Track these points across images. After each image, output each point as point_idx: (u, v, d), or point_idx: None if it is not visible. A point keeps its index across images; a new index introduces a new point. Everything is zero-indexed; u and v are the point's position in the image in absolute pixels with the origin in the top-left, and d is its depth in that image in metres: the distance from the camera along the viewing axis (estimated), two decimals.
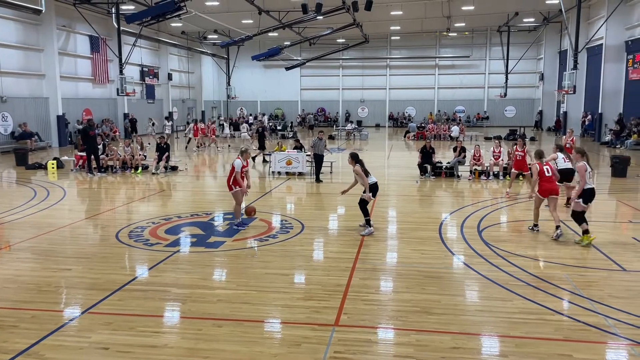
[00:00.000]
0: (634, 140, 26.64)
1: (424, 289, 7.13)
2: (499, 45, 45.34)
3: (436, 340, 5.60)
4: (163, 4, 23.36)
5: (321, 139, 16.95)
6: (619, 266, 8.03)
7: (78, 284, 7.42)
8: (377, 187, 10.34)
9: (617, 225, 10.92)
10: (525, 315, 6.20)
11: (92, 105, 33.12)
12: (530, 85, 47.78)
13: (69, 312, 6.43)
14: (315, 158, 16.92)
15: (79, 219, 11.65)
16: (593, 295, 6.80)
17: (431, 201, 13.65)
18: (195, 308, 6.50)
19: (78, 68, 32.14)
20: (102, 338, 5.66)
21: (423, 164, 17.61)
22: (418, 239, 9.78)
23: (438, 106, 49.39)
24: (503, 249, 9.01)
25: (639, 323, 5.99)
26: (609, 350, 5.45)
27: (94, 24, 31.86)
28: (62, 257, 8.69)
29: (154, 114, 40.20)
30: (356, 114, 50.90)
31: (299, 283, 7.60)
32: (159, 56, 41.86)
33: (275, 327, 6.09)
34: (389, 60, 50.11)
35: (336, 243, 9.68)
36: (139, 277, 7.74)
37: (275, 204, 13.74)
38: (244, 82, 51.08)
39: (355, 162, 10.13)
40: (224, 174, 20.30)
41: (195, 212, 12.10)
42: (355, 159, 10.18)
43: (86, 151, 18.42)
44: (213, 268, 8.21)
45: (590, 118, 34.23)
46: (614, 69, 30.25)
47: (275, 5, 31.22)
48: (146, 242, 9.50)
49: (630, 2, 28.99)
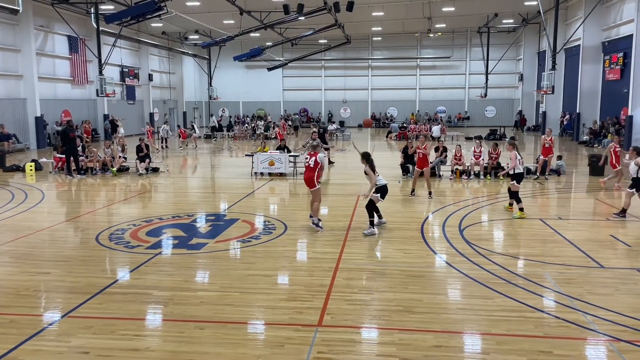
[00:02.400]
0: (611, 140, 27.09)
1: (407, 288, 7.17)
2: (479, 46, 45.85)
3: (419, 339, 5.63)
4: (143, 4, 23.14)
5: (314, 140, 16.81)
6: (597, 263, 8.17)
7: (57, 288, 7.30)
8: (387, 189, 10.16)
9: (595, 223, 11.10)
10: (506, 313, 6.27)
11: (71, 106, 32.63)
12: (510, 86, 48.38)
13: (48, 317, 6.33)
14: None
15: (58, 222, 11.48)
16: (572, 292, 6.90)
17: (413, 201, 13.73)
18: (177, 310, 6.44)
19: (56, 69, 31.64)
20: (82, 342, 5.58)
21: (405, 164, 17.71)
22: (400, 238, 9.83)
23: (419, 106, 49.72)
24: (484, 247, 9.10)
25: (616, 319, 6.09)
26: (588, 347, 5.54)
27: (73, 24, 31.41)
28: (40, 261, 8.55)
29: (135, 115, 39.84)
30: (339, 115, 51.00)
31: (282, 284, 7.59)
32: (139, 57, 41.41)
33: (259, 328, 6.06)
34: (370, 61, 50.30)
35: (319, 243, 9.67)
36: (120, 280, 7.65)
37: (258, 205, 13.69)
38: (226, 83, 50.82)
39: (367, 161, 9.93)
40: (203, 175, 20.19)
41: (177, 214, 12.01)
42: (366, 159, 9.97)
43: (65, 153, 18.16)
44: (195, 270, 8.15)
45: (568, 118, 34.78)
46: (591, 70, 30.76)
47: (256, 5, 31.13)
48: (127, 245, 9.39)
49: (607, 4, 29.52)
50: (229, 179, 18.60)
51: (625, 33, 26.88)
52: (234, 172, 19.67)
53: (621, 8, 28.02)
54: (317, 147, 10.58)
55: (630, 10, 26.25)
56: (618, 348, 5.41)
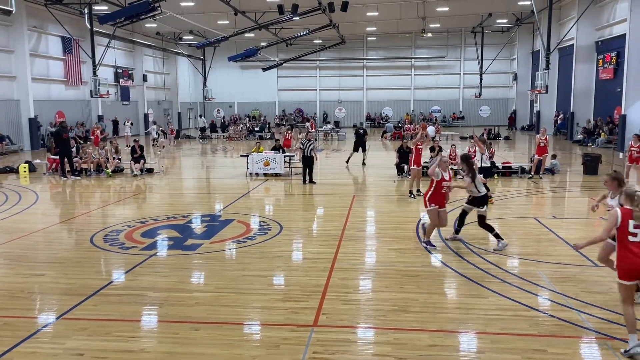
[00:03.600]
0: (604, 139, 27.26)
1: (402, 287, 7.18)
2: (473, 46, 45.95)
3: (414, 338, 5.64)
4: (137, 4, 23.05)
5: (310, 140, 16.81)
6: (591, 262, 8.19)
7: (52, 290, 7.28)
8: (486, 199, 9.32)
9: (589, 222, 11.15)
10: (501, 312, 6.29)
11: (65, 107, 32.48)
12: (504, 85, 48.48)
13: (42, 319, 6.30)
14: (305, 160, 16.62)
15: (52, 224, 11.43)
16: (566, 291, 6.93)
17: (408, 200, 13.74)
18: (172, 311, 6.43)
19: (50, 70, 31.50)
20: (77, 344, 5.56)
21: (400, 164, 17.73)
22: (396, 238, 9.84)
23: (414, 106, 49.78)
24: (479, 246, 9.13)
25: (610, 317, 6.13)
26: (582, 345, 5.57)
27: (66, 25, 31.24)
28: (35, 263, 8.51)
29: (130, 115, 39.68)
30: (334, 115, 50.99)
31: (277, 284, 7.58)
32: (133, 57, 41.26)
33: (254, 329, 6.06)
34: (365, 61, 50.30)
35: (315, 243, 9.69)
36: (115, 281, 7.62)
37: (253, 205, 13.68)
38: (221, 83, 50.71)
39: (466, 164, 9.30)
40: (198, 176, 20.15)
41: (172, 215, 11.98)
42: (465, 161, 9.34)
43: (59, 154, 18.09)
44: (190, 271, 8.13)
45: (562, 117, 34.92)
46: (585, 69, 30.91)
47: (251, 6, 31.09)
48: (122, 246, 9.37)
49: (600, 4, 29.66)
50: (224, 179, 18.57)
51: (619, 32, 27.02)
52: (229, 172, 19.64)
53: (614, 7, 28.17)
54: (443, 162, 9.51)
55: (623, 10, 26.39)
56: (612, 346, 5.44)
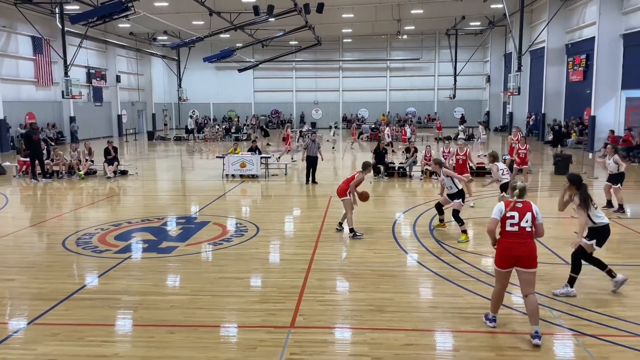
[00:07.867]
0: (575, 139, 27.87)
1: (378, 287, 7.22)
2: (447, 48, 46.52)
3: (390, 337, 5.69)
4: (110, 4, 22.70)
5: (314, 141, 16.73)
6: (563, 260, 8.38)
7: (22, 295, 7.12)
8: (608, 230, 7.14)
9: (560, 220, 11.37)
10: (476, 310, 6.38)
11: (36, 108, 31.77)
12: (477, 87, 49.22)
13: (13, 324, 6.16)
14: (309, 160, 16.58)
15: (23, 227, 11.17)
16: (538, 289, 7.02)
17: (384, 201, 13.84)
18: (147, 315, 6.35)
19: (20, 70, 30.77)
20: (49, 349, 5.45)
21: (377, 165, 17.84)
22: (372, 238, 9.89)
23: (390, 108, 50.12)
24: (454, 246, 9.24)
25: (581, 314, 6.27)
26: (555, 341, 5.68)
27: (37, 25, 30.62)
28: (4, 267, 8.30)
29: (103, 117, 39.09)
30: (310, 116, 51.03)
31: (254, 286, 7.55)
32: (106, 58, 40.60)
33: (231, 331, 6.02)
34: (341, 63, 50.49)
35: (291, 245, 9.68)
36: (88, 285, 7.49)
37: (229, 207, 13.59)
38: (196, 84, 50.28)
39: (577, 189, 7.35)
40: (173, 177, 19.92)
41: (147, 217, 11.83)
42: (576, 185, 7.41)
43: (30, 156, 17.71)
44: (166, 274, 8.04)
45: (534, 118, 35.59)
46: (556, 71, 31.59)
47: (226, 6, 30.91)
48: (95, 249, 9.21)
49: (570, 7, 30.33)
50: (199, 181, 18.41)
51: (588, 35, 27.66)
52: (205, 174, 19.48)
53: (584, 11, 28.85)
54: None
55: (592, 13, 27.05)
56: (583, 342, 5.57)
